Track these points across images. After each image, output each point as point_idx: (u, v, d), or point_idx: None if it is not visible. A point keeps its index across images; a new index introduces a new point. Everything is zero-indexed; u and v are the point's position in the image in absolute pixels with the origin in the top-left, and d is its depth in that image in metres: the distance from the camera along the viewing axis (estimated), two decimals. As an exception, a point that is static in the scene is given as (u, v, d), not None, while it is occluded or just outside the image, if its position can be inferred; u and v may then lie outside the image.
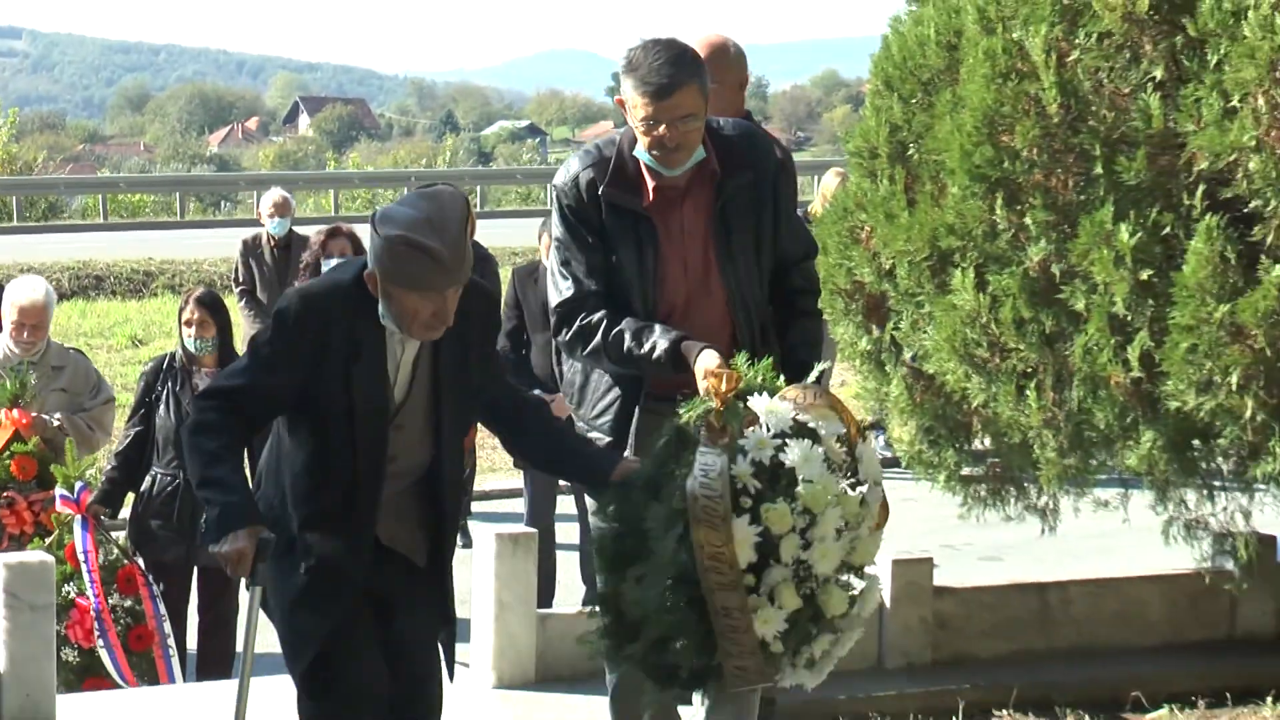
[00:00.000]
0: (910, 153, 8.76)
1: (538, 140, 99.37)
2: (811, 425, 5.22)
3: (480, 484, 13.31)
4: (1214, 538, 8.70)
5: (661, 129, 5.80)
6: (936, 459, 9.01)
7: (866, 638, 8.94)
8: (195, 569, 9.60)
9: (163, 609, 9.18)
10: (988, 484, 8.96)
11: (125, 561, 9.25)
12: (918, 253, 8.38)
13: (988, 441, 8.83)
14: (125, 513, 9.85)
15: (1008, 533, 4.63)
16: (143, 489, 9.56)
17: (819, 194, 10.88)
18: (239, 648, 9.67)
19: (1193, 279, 7.37)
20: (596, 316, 6.02)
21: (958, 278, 8.09)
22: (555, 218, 6.23)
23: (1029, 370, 8.05)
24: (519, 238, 25.65)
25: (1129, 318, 7.61)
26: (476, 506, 12.75)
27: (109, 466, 9.78)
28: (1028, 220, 7.94)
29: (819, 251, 6.50)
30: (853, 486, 5.22)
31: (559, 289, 6.19)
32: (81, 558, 8.99)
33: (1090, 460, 8.29)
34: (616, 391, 6.19)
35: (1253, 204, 7.43)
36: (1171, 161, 7.65)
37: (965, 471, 8.99)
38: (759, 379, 5.35)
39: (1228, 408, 7.43)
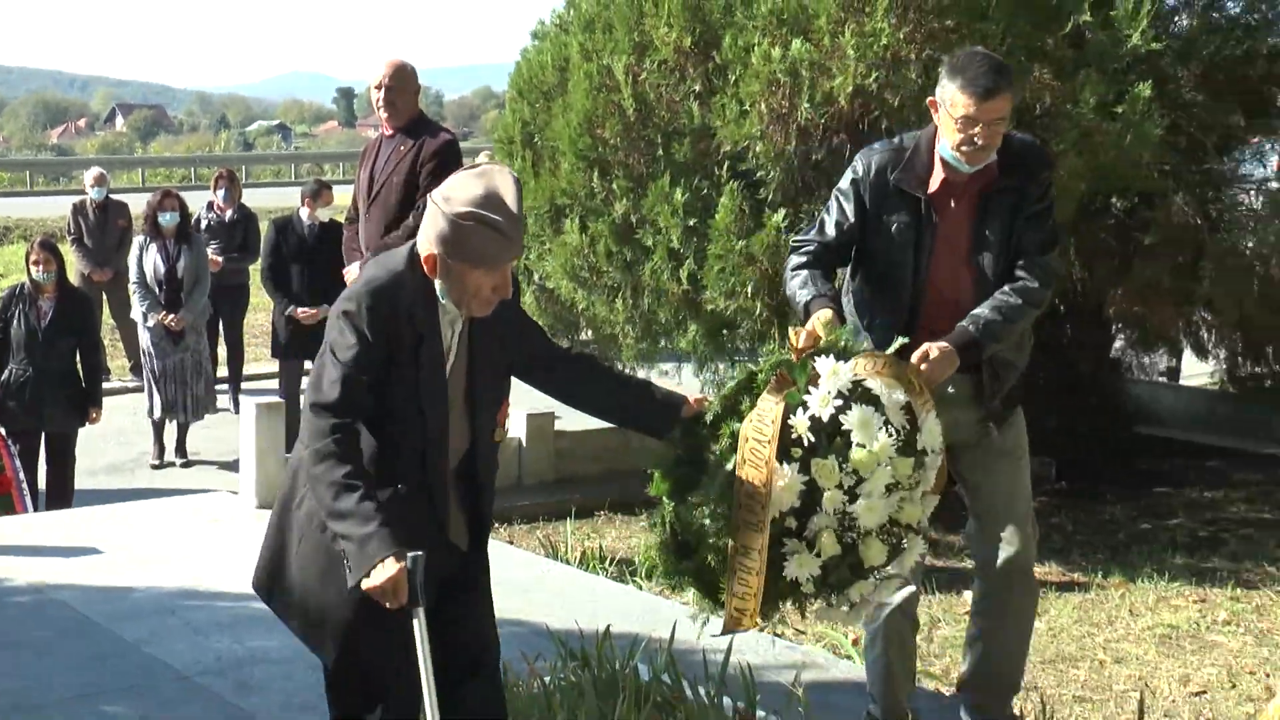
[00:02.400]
0: (535, 140, 8.76)
1: (283, 135, 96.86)
2: (875, 391, 4.05)
3: (247, 370, 13.02)
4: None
5: (978, 128, 4.57)
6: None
7: (509, 464, 9.04)
8: (43, 434, 9.31)
9: (18, 463, 8.90)
10: (590, 362, 9.08)
11: (-10, 430, 8.97)
12: (541, 208, 8.41)
13: (589, 334, 8.90)
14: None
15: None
16: (1, 379, 9.22)
17: (477, 169, 10.86)
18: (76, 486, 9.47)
19: (721, 224, 7.50)
20: (804, 256, 4.82)
21: (568, 225, 8.15)
22: (842, 181, 4.91)
23: (616, 286, 8.14)
24: (273, 201, 25.16)
25: (681, 250, 7.74)
26: (246, 385, 12.50)
27: (-23, 364, 9.42)
28: (614, 186, 8.01)
29: (1052, 259, 4.97)
30: (909, 451, 4.09)
31: (808, 228, 5.00)
32: (-41, 429, 8.71)
33: (656, 345, 8.41)
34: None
35: (759, 174, 7.58)
36: (707, 146, 7.76)
37: (575, 353, 9.07)
38: (840, 342, 4.16)
39: (745, 309, 7.58)
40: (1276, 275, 8.60)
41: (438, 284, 3.84)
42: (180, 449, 10.85)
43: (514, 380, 4.48)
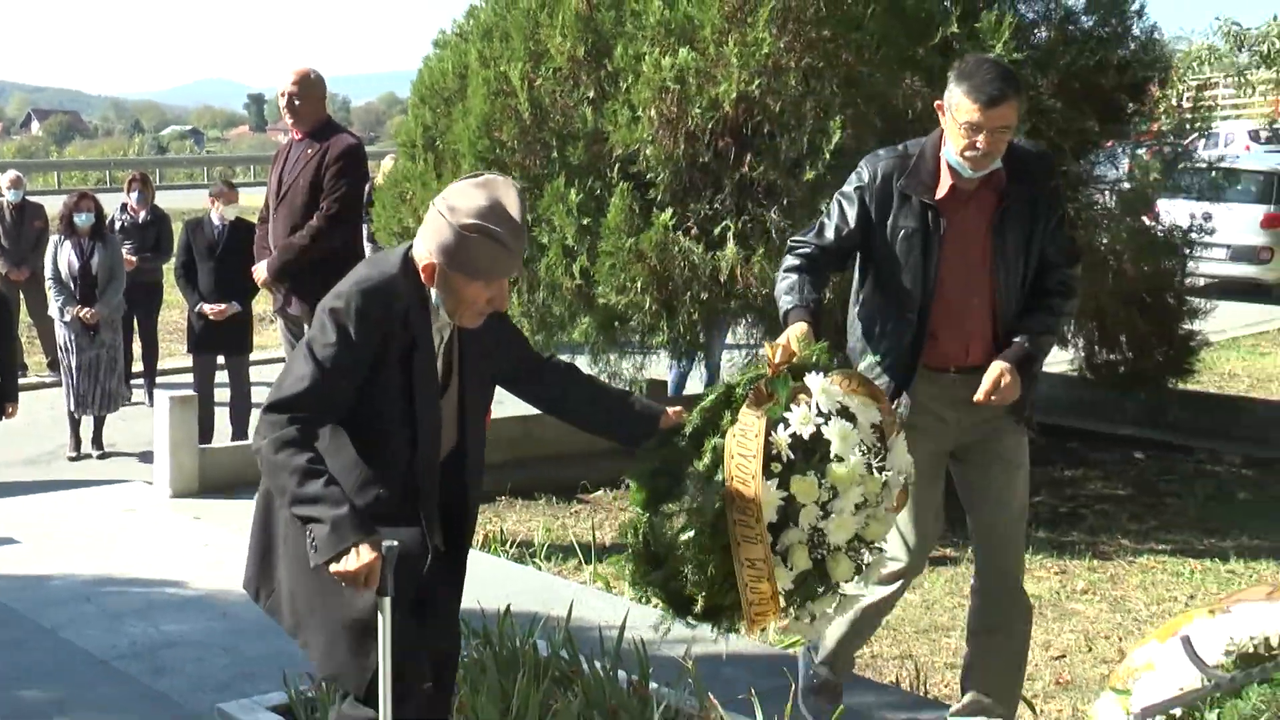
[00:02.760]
0: (437, 143, 8.66)
1: (195, 139, 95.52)
2: (851, 409, 3.83)
3: (161, 365, 12.77)
4: (627, 383, 8.85)
5: (982, 135, 4.27)
6: (458, 340, 9.00)
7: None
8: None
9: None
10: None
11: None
12: (442, 208, 8.32)
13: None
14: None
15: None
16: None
17: (381, 171, 10.70)
18: None
19: (613, 222, 7.47)
20: (797, 259, 4.50)
21: (468, 224, 8.07)
22: (846, 185, 4.60)
23: (513, 281, 8.07)
24: (187, 203, 24.82)
25: (574, 247, 7.70)
26: (160, 380, 12.25)
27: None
28: (511, 187, 7.95)
29: (1079, 261, 4.75)
30: (879, 470, 3.84)
31: (807, 227, 4.67)
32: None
33: (551, 337, 8.35)
34: (891, 359, 4.55)
35: (649, 175, 7.57)
36: (599, 149, 7.74)
37: (557, 361, 9.00)
38: (814, 358, 3.90)
39: (635, 303, 7.56)
40: (1129, 270, 8.75)
41: (432, 292, 3.57)
42: (96, 441, 10.64)
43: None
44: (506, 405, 4.52)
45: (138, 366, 12.38)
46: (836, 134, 7.29)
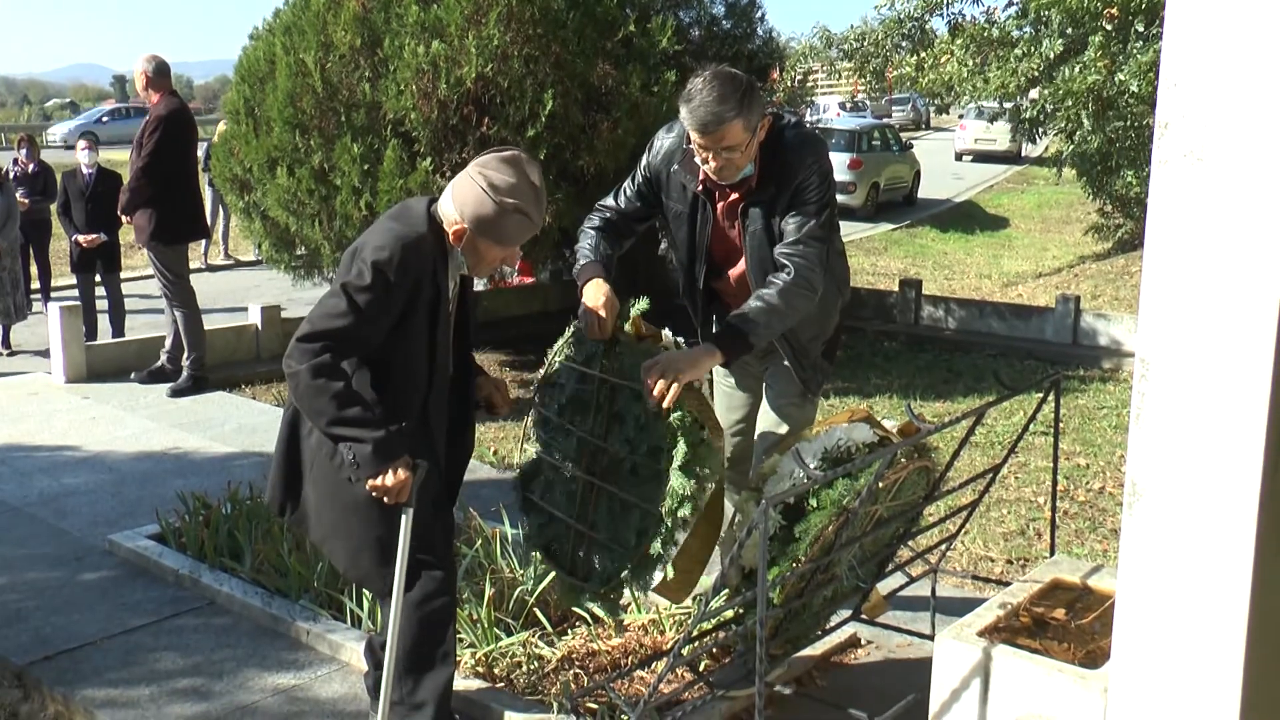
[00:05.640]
0: (255, 111, 8.22)
1: (72, 109, 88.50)
2: None
3: (54, 283, 11.86)
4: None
5: (707, 155, 3.24)
6: (279, 258, 8.63)
7: (249, 343, 8.61)
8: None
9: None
10: (303, 269, 8.66)
11: None
12: (261, 160, 7.94)
13: (301, 250, 8.51)
14: None
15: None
16: None
17: (217, 133, 10.13)
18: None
19: (388, 168, 7.25)
20: (594, 219, 3.57)
21: (280, 172, 7.72)
22: (648, 148, 3.56)
23: (316, 214, 7.79)
24: (68, 158, 22.98)
25: (360, 187, 7.44)
26: (54, 295, 11.39)
27: None
28: (311, 143, 7.61)
29: (814, 240, 3.32)
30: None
31: (614, 191, 3.65)
32: None
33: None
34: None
35: (414, 134, 7.36)
36: (376, 115, 7.48)
37: (295, 265, 8.66)
38: (637, 314, 3.20)
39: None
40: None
41: (456, 249, 3.01)
42: (5, 342, 9.91)
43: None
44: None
45: (36, 285, 11.54)
46: (549, 104, 7.24)
